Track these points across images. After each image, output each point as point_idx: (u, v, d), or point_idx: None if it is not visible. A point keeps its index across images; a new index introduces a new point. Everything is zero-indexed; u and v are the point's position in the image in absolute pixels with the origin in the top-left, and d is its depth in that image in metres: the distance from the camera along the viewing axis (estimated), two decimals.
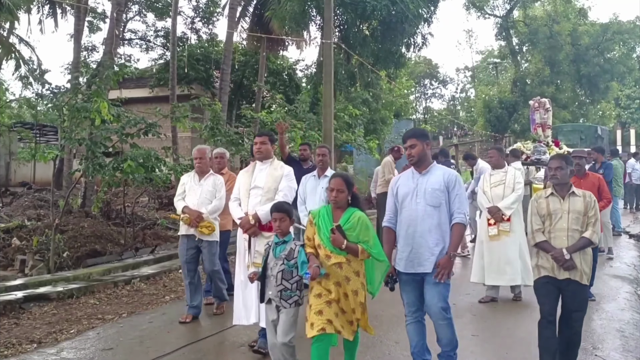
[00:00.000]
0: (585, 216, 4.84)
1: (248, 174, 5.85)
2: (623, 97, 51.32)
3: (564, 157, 5.18)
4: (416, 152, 4.75)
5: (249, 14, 24.13)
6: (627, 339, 6.22)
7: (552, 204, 4.93)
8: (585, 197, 4.91)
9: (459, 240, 4.75)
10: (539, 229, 4.94)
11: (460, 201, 4.70)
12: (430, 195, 4.67)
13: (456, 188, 4.71)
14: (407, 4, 18.30)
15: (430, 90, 68.52)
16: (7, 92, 33.07)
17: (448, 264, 4.57)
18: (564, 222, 4.84)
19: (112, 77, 10.87)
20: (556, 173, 4.94)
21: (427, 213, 4.66)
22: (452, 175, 4.77)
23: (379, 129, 25.16)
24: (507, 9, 44.02)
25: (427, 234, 4.64)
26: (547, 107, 14.02)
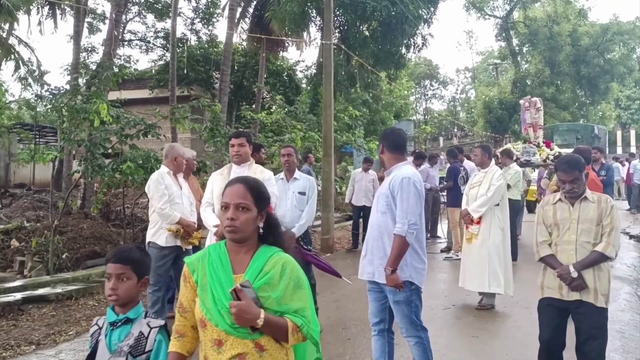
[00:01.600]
0: (599, 225, 4.12)
1: (223, 177, 5.37)
2: (623, 97, 51.36)
3: (576, 162, 4.25)
4: (380, 157, 4.66)
5: (249, 15, 24.12)
6: (627, 340, 6.22)
7: (559, 212, 4.26)
8: (600, 202, 4.17)
9: (397, 252, 4.19)
10: (545, 241, 4.32)
11: (403, 208, 4.21)
12: (379, 200, 4.43)
13: (399, 193, 4.25)
14: (407, 5, 18.27)
15: (430, 91, 68.57)
16: (6, 93, 33.10)
17: (389, 281, 4.22)
18: (572, 234, 4.16)
19: (112, 78, 10.85)
20: (573, 187, 4.18)
21: (376, 219, 4.43)
22: (396, 178, 4.33)
23: (379, 130, 25.12)
24: (507, 9, 44.03)
25: (376, 242, 4.41)
26: (538, 106, 13.56)
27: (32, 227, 11.80)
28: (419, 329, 4.41)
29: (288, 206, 6.25)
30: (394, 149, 4.54)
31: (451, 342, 6.17)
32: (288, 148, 6.59)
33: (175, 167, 6.33)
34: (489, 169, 7.74)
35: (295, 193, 6.27)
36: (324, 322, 6.90)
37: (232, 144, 5.41)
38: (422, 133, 31.84)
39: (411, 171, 4.44)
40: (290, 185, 6.37)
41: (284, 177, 6.44)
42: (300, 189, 6.30)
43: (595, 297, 4.10)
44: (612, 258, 4.12)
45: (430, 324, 6.89)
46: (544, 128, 28.33)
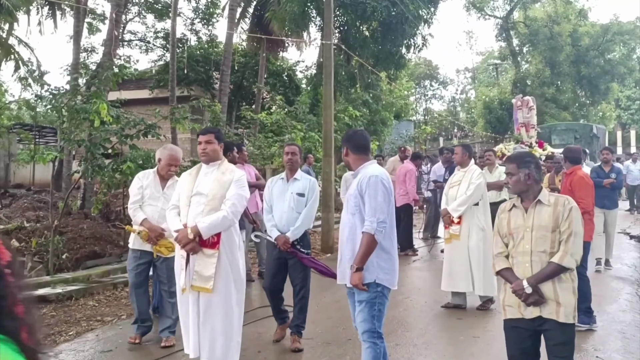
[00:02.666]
0: (556, 232, 3.66)
1: (191, 177, 5.03)
2: (623, 98, 51.32)
3: (517, 158, 3.98)
4: (345, 160, 4.55)
5: (249, 15, 24.13)
6: (628, 341, 6.21)
7: (513, 220, 3.85)
8: (556, 205, 3.72)
9: (365, 250, 4.07)
10: (500, 253, 3.91)
11: (372, 207, 4.10)
12: (349, 201, 4.29)
13: (367, 191, 4.14)
14: (407, 5, 18.26)
15: (430, 92, 68.55)
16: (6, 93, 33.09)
17: (354, 278, 4.08)
18: (527, 243, 3.72)
19: (112, 78, 10.84)
20: (507, 181, 3.97)
21: (346, 221, 4.32)
22: (364, 177, 4.22)
23: (379, 130, 25.18)
24: (508, 10, 44.04)
25: (345, 244, 4.30)
26: (531, 105, 13.18)
27: (32, 228, 11.80)
28: (376, 335, 4.19)
29: (285, 208, 5.92)
30: (358, 150, 4.43)
31: (452, 342, 6.17)
32: (292, 146, 6.28)
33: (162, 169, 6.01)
34: (468, 168, 7.62)
35: (293, 194, 5.94)
36: (325, 322, 6.89)
37: (199, 141, 5.02)
38: (422, 133, 31.79)
39: (378, 170, 4.35)
40: (289, 185, 6.02)
41: (284, 176, 6.11)
42: (299, 190, 5.97)
43: (557, 312, 3.65)
44: (570, 268, 3.64)
45: (431, 325, 6.90)
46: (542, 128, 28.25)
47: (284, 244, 5.72)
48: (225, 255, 4.86)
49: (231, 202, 4.81)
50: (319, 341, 6.08)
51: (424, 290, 8.69)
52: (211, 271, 4.76)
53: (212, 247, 4.79)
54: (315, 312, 7.21)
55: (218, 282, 4.79)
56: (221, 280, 4.81)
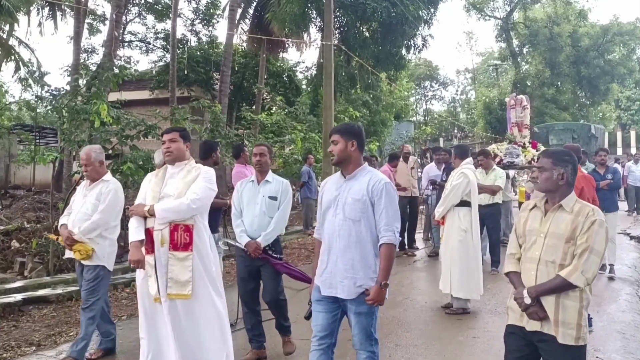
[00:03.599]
0: (570, 243, 3.31)
1: (158, 179, 4.76)
2: (623, 98, 51.35)
3: (555, 153, 3.61)
4: (336, 151, 3.93)
5: (249, 15, 24.14)
6: (628, 341, 6.22)
7: (530, 221, 3.57)
8: (579, 214, 3.35)
9: (389, 264, 3.81)
10: (513, 254, 3.65)
11: (389, 215, 3.81)
12: (350, 206, 3.85)
13: (383, 199, 3.82)
14: (407, 6, 18.28)
15: (430, 92, 68.59)
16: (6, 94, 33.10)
17: (378, 296, 3.77)
18: (537, 249, 3.44)
19: (112, 79, 10.85)
20: (536, 175, 3.85)
21: (345, 228, 3.86)
22: (379, 182, 3.86)
23: (379, 131, 25.17)
24: (508, 10, 44.04)
25: (343, 253, 3.86)
26: (525, 104, 12.80)
27: (33, 228, 11.81)
28: (374, 343, 4.11)
29: (256, 212, 5.53)
30: (362, 149, 4.03)
31: (452, 343, 6.16)
32: (261, 147, 5.82)
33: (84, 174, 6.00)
34: (457, 169, 7.58)
35: (265, 197, 5.55)
36: None
37: (163, 139, 4.76)
38: (422, 134, 31.79)
39: (384, 175, 4.04)
40: (260, 188, 5.63)
41: (254, 179, 5.72)
42: (271, 193, 5.59)
43: (556, 330, 3.32)
44: (578, 286, 3.27)
45: (430, 325, 6.90)
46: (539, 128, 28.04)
47: (255, 250, 5.36)
48: (198, 257, 4.61)
49: (193, 192, 4.56)
50: None
51: (424, 290, 8.69)
52: (187, 275, 4.51)
53: (184, 250, 4.54)
54: None
55: (196, 286, 4.55)
56: (199, 284, 4.57)
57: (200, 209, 4.62)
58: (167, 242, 4.51)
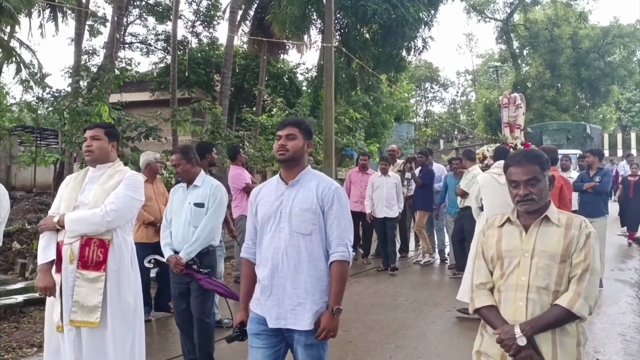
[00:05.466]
0: (566, 263, 2.66)
1: (75, 184, 4.06)
2: (624, 100, 51.38)
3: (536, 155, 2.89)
4: (293, 147, 3.26)
5: (250, 17, 24.15)
6: (628, 343, 6.22)
7: (506, 239, 2.82)
8: (570, 226, 2.72)
9: (342, 285, 3.22)
10: (482, 284, 2.87)
11: (341, 227, 3.23)
12: (298, 217, 3.21)
13: (335, 207, 3.23)
14: (408, 8, 18.29)
15: (430, 94, 68.64)
16: (7, 95, 33.12)
17: (331, 324, 3.14)
18: (523, 274, 2.71)
19: (113, 80, 10.87)
20: (530, 192, 2.75)
21: (293, 244, 3.20)
22: (329, 187, 3.27)
23: (379, 133, 25.15)
24: (508, 12, 44.10)
25: (293, 275, 3.20)
26: (518, 103, 11.77)
27: (34, 230, 11.81)
28: None
29: (181, 222, 4.92)
30: (310, 144, 3.44)
31: (453, 345, 6.18)
32: (175, 154, 5.11)
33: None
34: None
35: (191, 205, 4.92)
36: None
37: (85, 137, 4.12)
38: (423, 135, 31.81)
39: (330, 178, 3.47)
40: (188, 194, 5.01)
41: (184, 184, 5.11)
42: (197, 200, 4.94)
43: None
44: (582, 317, 2.62)
45: (431, 327, 6.91)
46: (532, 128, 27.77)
47: (175, 265, 4.82)
48: (113, 278, 3.88)
49: (110, 201, 3.86)
50: None
51: (424, 292, 8.70)
52: (97, 300, 3.78)
53: (96, 269, 3.81)
54: None
55: (107, 313, 3.83)
56: (111, 310, 3.84)
57: (116, 221, 3.89)
58: (76, 258, 3.80)
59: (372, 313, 7.37)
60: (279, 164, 3.44)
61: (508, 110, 11.93)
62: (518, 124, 11.83)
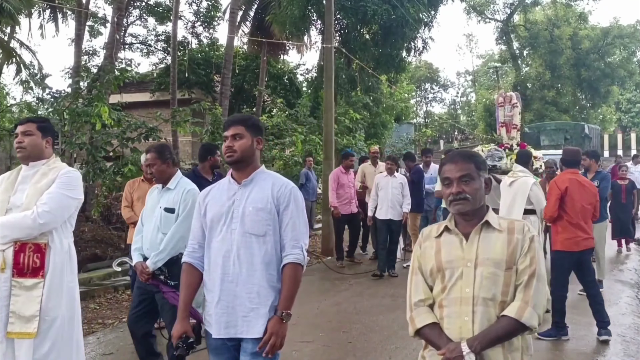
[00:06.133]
0: (512, 270, 2.45)
1: (8, 183, 3.72)
2: (624, 101, 51.38)
3: (472, 154, 2.71)
4: (240, 147, 3.06)
5: (250, 18, 24.17)
6: (628, 344, 6.22)
7: (446, 250, 2.56)
8: (512, 230, 2.50)
9: (294, 289, 3.03)
10: (422, 301, 2.58)
11: (296, 228, 3.07)
12: (252, 217, 3.02)
13: (290, 208, 3.07)
14: (408, 9, 18.30)
15: (431, 95, 68.60)
16: (7, 96, 33.11)
17: (279, 330, 2.95)
18: (467, 285, 2.46)
19: (113, 81, 10.88)
20: (463, 190, 2.51)
21: (246, 245, 3.00)
22: (285, 187, 3.12)
23: (379, 133, 25.16)
24: (508, 13, 44.07)
25: (246, 279, 2.98)
26: (514, 102, 11.54)
27: None
28: None
29: (151, 227, 4.61)
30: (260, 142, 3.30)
31: None
32: (150, 153, 4.77)
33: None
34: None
35: (161, 209, 4.60)
36: (325, 325, 6.90)
37: (15, 132, 3.80)
38: (423, 136, 31.82)
39: (285, 178, 3.29)
40: (161, 197, 4.70)
41: (159, 186, 4.78)
42: (168, 204, 4.60)
43: None
44: (532, 328, 2.41)
45: None
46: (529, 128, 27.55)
47: (141, 274, 4.49)
48: (52, 285, 3.57)
49: (43, 202, 3.51)
50: (319, 344, 6.10)
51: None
52: (34, 308, 3.47)
53: (33, 276, 3.51)
54: (316, 316, 7.24)
55: (46, 323, 3.52)
56: (50, 319, 3.53)
57: (50, 224, 3.54)
58: (9, 266, 3.49)
59: (372, 314, 7.37)
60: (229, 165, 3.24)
61: (504, 109, 11.63)
62: (514, 124, 11.47)
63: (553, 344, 6.09)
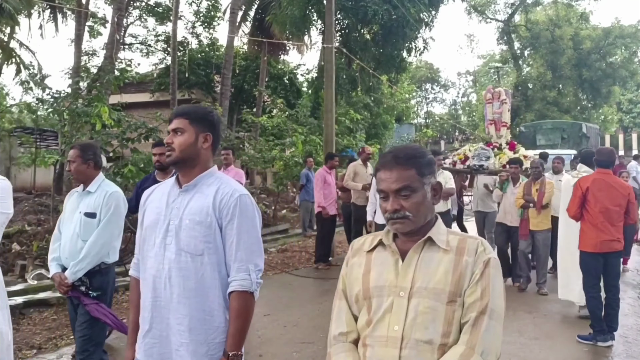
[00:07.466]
0: (457, 303, 1.88)
1: None
2: (625, 101, 51.32)
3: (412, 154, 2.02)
4: (179, 144, 2.53)
5: (250, 18, 24.18)
6: (630, 345, 6.20)
7: (376, 271, 2.00)
8: (462, 251, 1.94)
9: (243, 324, 2.44)
10: (343, 335, 2.04)
11: (244, 246, 2.46)
12: (188, 232, 2.45)
13: (236, 221, 2.46)
14: (408, 9, 18.30)
15: (431, 95, 68.58)
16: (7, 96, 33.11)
17: None
18: (397, 321, 1.90)
19: (113, 81, 10.87)
20: (402, 207, 1.95)
21: (179, 266, 2.44)
22: (230, 195, 2.49)
23: (380, 134, 25.16)
24: (509, 13, 44.04)
25: (177, 306, 2.43)
26: (503, 98, 10.79)
27: (34, 231, 11.79)
28: None
29: (69, 234, 4.17)
30: (216, 148, 2.71)
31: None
32: (73, 149, 4.35)
33: None
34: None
35: (81, 214, 4.16)
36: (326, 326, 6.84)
37: None
38: (424, 136, 31.81)
39: (238, 183, 2.66)
40: (80, 201, 4.25)
41: (79, 189, 4.33)
42: (88, 209, 4.18)
43: None
44: None
45: None
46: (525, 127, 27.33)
47: (60, 285, 4.10)
48: None
49: None
50: (320, 346, 6.06)
51: None
52: None
53: None
54: (317, 316, 7.21)
55: None
56: None
57: None
58: None
59: None
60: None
61: (492, 106, 11.06)
62: (504, 122, 10.88)
63: (552, 344, 6.06)
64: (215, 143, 2.62)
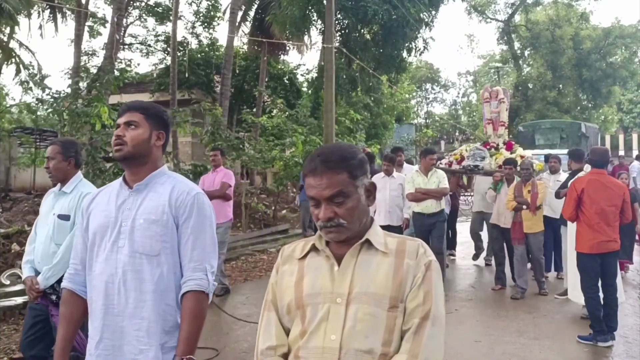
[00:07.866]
0: (398, 309, 1.77)
1: None
2: (625, 101, 51.32)
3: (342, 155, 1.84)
4: (132, 138, 2.43)
5: (250, 18, 24.17)
6: (630, 345, 6.19)
7: (310, 278, 1.86)
8: (402, 253, 1.83)
9: (196, 326, 2.35)
10: (271, 349, 1.85)
11: (200, 246, 2.42)
12: (143, 232, 2.37)
13: (193, 220, 2.42)
14: (408, 9, 18.30)
15: (431, 95, 68.58)
16: (7, 97, 33.12)
17: None
18: (334, 331, 1.75)
19: (113, 81, 10.86)
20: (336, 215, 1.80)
21: (135, 269, 2.36)
22: (186, 193, 2.45)
23: (380, 134, 25.13)
24: (509, 13, 44.06)
25: (133, 311, 2.35)
26: (501, 97, 10.66)
27: None
28: None
29: (43, 236, 3.93)
30: (165, 147, 2.64)
31: (453, 347, 6.13)
32: (53, 145, 4.18)
33: None
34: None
35: (55, 216, 3.92)
36: None
37: None
38: (424, 137, 31.81)
39: (191, 182, 2.63)
40: (56, 202, 4.02)
41: (56, 189, 4.11)
42: (62, 211, 3.94)
43: None
44: None
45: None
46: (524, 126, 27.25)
47: (29, 290, 3.84)
48: None
49: None
50: None
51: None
52: None
53: None
54: None
55: None
56: None
57: None
58: None
59: None
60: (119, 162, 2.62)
61: (490, 105, 10.91)
62: (502, 121, 10.72)
63: (553, 344, 6.06)
64: (165, 144, 2.56)
